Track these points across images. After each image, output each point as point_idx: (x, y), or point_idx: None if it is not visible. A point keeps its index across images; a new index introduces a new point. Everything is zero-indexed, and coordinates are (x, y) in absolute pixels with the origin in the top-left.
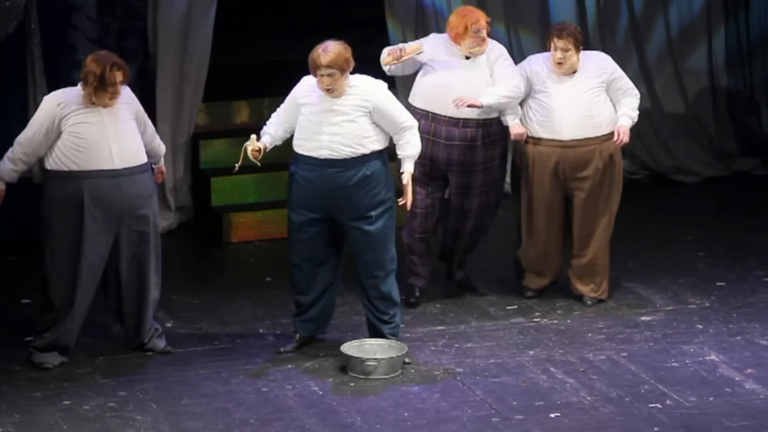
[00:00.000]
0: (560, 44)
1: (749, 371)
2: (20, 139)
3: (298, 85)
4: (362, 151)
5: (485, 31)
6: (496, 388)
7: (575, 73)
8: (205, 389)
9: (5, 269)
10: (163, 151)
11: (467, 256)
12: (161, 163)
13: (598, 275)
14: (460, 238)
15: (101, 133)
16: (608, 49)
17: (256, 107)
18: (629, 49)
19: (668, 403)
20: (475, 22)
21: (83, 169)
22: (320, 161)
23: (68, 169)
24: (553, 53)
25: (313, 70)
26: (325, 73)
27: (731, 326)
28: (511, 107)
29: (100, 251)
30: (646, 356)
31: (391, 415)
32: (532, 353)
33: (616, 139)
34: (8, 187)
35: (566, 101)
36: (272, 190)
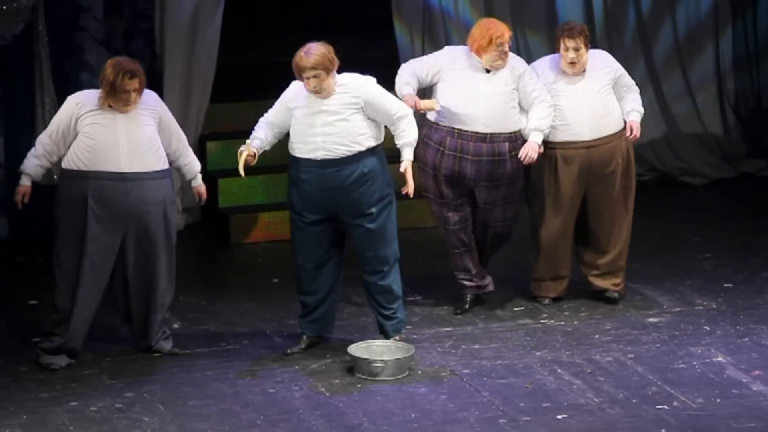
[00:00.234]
0: (572, 44)
1: (756, 373)
2: (41, 137)
3: (288, 89)
4: (358, 148)
5: (508, 45)
6: (503, 389)
7: (584, 72)
8: (212, 390)
9: (13, 270)
10: (197, 168)
11: (485, 269)
12: (197, 182)
13: (621, 270)
14: (483, 248)
15: (112, 135)
16: (615, 50)
17: (262, 108)
18: (636, 50)
19: (675, 404)
20: (500, 35)
21: (90, 169)
22: (317, 162)
23: (77, 168)
24: (564, 54)
25: (298, 73)
26: (310, 75)
27: (738, 328)
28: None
29: (103, 252)
30: (653, 358)
31: (398, 416)
32: (539, 354)
33: (629, 134)
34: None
35: (582, 102)
36: (279, 191)
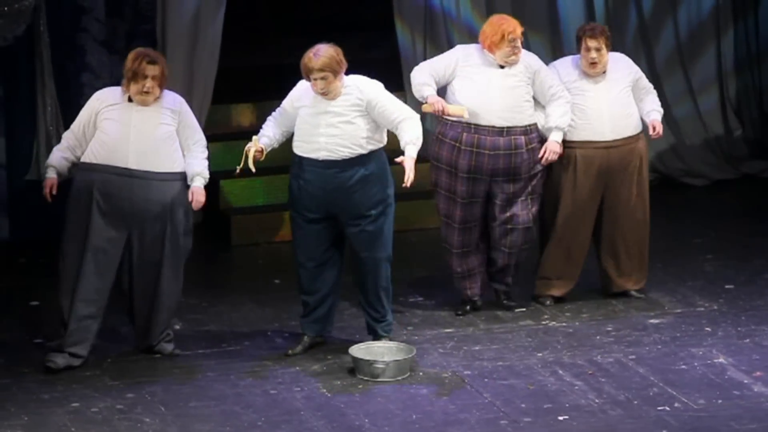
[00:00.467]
0: (593, 44)
1: (758, 374)
2: (66, 132)
3: (294, 89)
4: (360, 151)
5: (520, 40)
6: (504, 390)
7: (605, 73)
8: (213, 391)
9: (14, 271)
10: (193, 170)
11: (510, 276)
12: (195, 183)
13: (643, 269)
14: (505, 254)
15: (123, 131)
16: (617, 51)
17: (264, 110)
18: (638, 51)
19: (677, 405)
20: (512, 31)
21: (99, 162)
22: (319, 162)
23: (88, 161)
24: (585, 54)
25: (305, 74)
26: (318, 76)
27: (740, 329)
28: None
29: (106, 247)
30: (654, 359)
31: (399, 417)
32: (540, 356)
33: (652, 132)
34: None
35: (605, 102)
36: (280, 192)
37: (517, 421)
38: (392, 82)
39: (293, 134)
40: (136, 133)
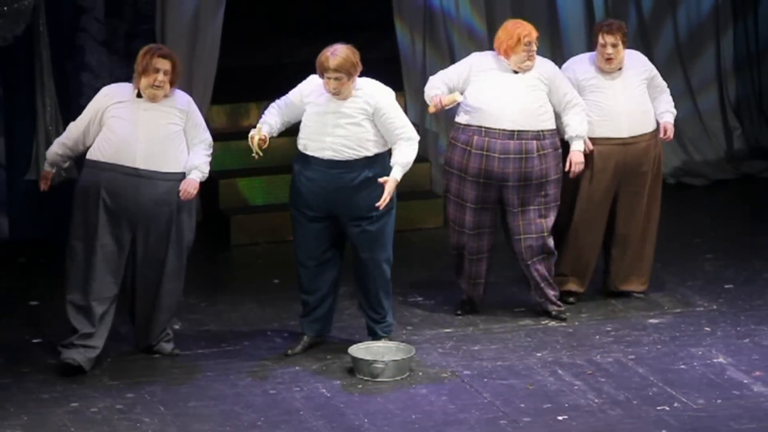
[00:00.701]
0: (610, 39)
1: (757, 374)
2: (69, 125)
3: (305, 82)
4: (365, 153)
5: (535, 45)
6: (503, 390)
7: (621, 70)
8: (212, 391)
9: (14, 271)
10: (192, 162)
11: (548, 285)
12: (190, 175)
13: (649, 271)
14: (530, 266)
15: (131, 130)
16: None
17: (263, 110)
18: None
19: (676, 405)
20: (527, 35)
21: (106, 161)
22: (324, 162)
23: (95, 159)
24: (601, 50)
25: (320, 72)
26: (332, 76)
27: (739, 329)
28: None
29: (113, 245)
30: (653, 359)
31: (398, 417)
32: (539, 355)
33: (663, 135)
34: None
35: (621, 98)
36: (280, 192)
37: (516, 420)
38: (392, 82)
39: (298, 131)
40: (144, 132)
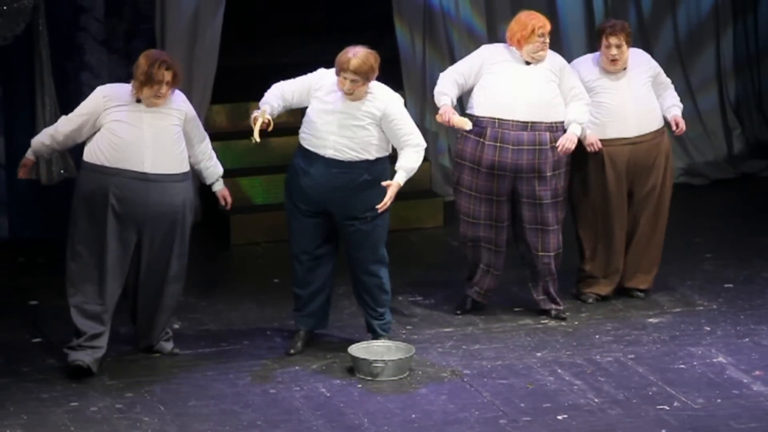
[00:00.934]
0: (614, 41)
1: (757, 373)
2: (61, 118)
3: (316, 74)
4: (366, 156)
5: (548, 37)
6: (503, 389)
7: (625, 69)
8: (212, 391)
9: (13, 271)
10: (219, 172)
11: (553, 287)
12: (219, 186)
13: (655, 269)
14: (542, 259)
15: (137, 134)
16: None
17: None
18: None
19: (676, 405)
20: (541, 25)
21: (113, 166)
22: (324, 159)
23: (100, 163)
24: (606, 51)
25: (338, 69)
26: (349, 77)
27: (739, 328)
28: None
29: (122, 251)
30: (653, 358)
31: (398, 416)
32: (539, 355)
33: (675, 128)
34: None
35: (628, 98)
36: (280, 191)
37: (516, 420)
38: (392, 82)
39: (299, 130)
40: (150, 136)
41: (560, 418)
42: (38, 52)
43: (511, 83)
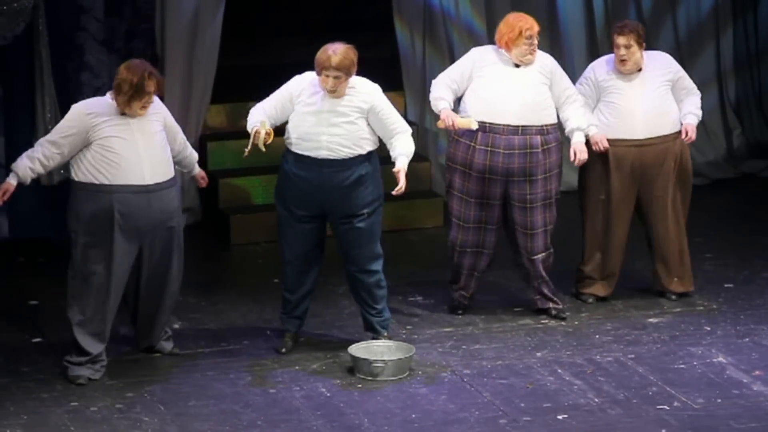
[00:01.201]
0: (622, 41)
1: (757, 373)
2: (43, 141)
3: (293, 82)
4: (359, 151)
5: (536, 39)
6: (503, 389)
7: (640, 71)
8: (212, 391)
9: (13, 270)
10: (196, 158)
11: (548, 283)
12: (197, 170)
13: (683, 272)
14: (534, 262)
15: (133, 147)
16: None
17: None
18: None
19: (676, 404)
20: (529, 28)
21: (113, 183)
22: (318, 161)
23: (98, 182)
24: (616, 51)
25: (319, 69)
26: (332, 74)
27: (739, 328)
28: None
29: (126, 265)
30: (653, 358)
31: (398, 416)
32: (539, 355)
33: (684, 136)
34: (19, 187)
35: (638, 100)
36: None
37: (516, 420)
38: (392, 82)
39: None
40: (144, 147)
41: (560, 418)
42: (38, 52)
43: (501, 87)
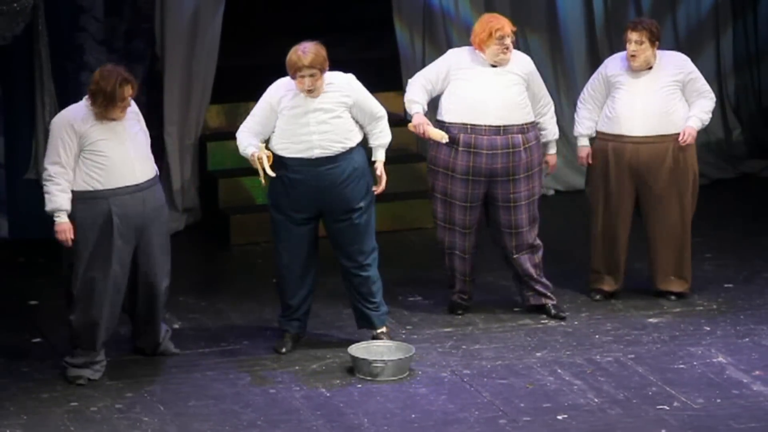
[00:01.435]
0: (634, 37)
1: (757, 373)
2: (53, 169)
3: (269, 93)
4: (350, 144)
5: (510, 39)
6: (503, 389)
7: (651, 69)
8: (212, 391)
9: (13, 271)
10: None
11: (538, 279)
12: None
13: (683, 273)
14: (519, 259)
15: (121, 148)
16: (616, 50)
17: None
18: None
19: (676, 405)
20: (499, 28)
21: (108, 187)
22: (311, 161)
23: (93, 188)
24: (627, 46)
25: (293, 71)
26: (306, 73)
27: (739, 328)
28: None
29: (125, 266)
30: (653, 358)
31: (398, 416)
32: (539, 355)
33: (681, 138)
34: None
35: (641, 97)
36: None
37: (516, 420)
38: (392, 81)
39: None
40: (131, 146)
41: (560, 418)
42: (38, 51)
43: (480, 88)
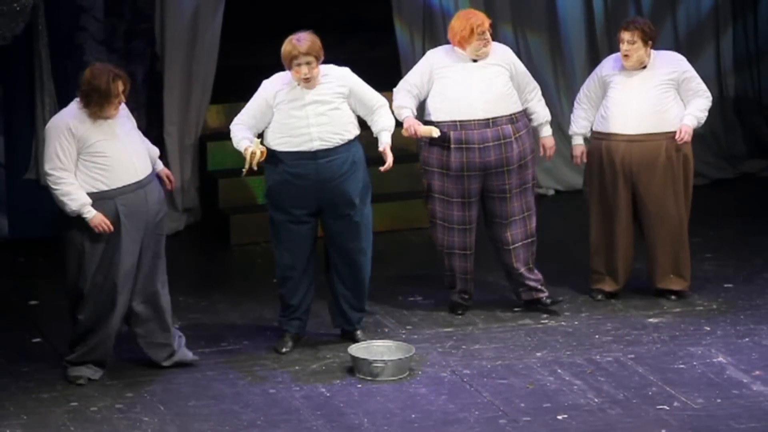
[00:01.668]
0: (626, 36)
1: (757, 373)
2: (57, 171)
3: (264, 88)
4: (348, 136)
5: (489, 32)
6: (503, 389)
7: (645, 68)
8: (212, 391)
9: (14, 270)
10: (157, 152)
11: (530, 272)
12: (160, 165)
13: (681, 271)
14: (513, 251)
15: (120, 146)
16: (615, 50)
17: None
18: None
19: (676, 405)
20: (480, 24)
21: (113, 187)
22: (311, 154)
23: (97, 190)
24: (620, 46)
25: (289, 61)
26: (303, 61)
27: (739, 328)
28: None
29: (133, 262)
30: (653, 358)
31: (398, 416)
32: (539, 355)
33: (677, 136)
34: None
35: (634, 95)
36: None
37: (516, 420)
38: (392, 81)
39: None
40: (129, 143)
41: (560, 418)
42: (38, 51)
43: (464, 84)
